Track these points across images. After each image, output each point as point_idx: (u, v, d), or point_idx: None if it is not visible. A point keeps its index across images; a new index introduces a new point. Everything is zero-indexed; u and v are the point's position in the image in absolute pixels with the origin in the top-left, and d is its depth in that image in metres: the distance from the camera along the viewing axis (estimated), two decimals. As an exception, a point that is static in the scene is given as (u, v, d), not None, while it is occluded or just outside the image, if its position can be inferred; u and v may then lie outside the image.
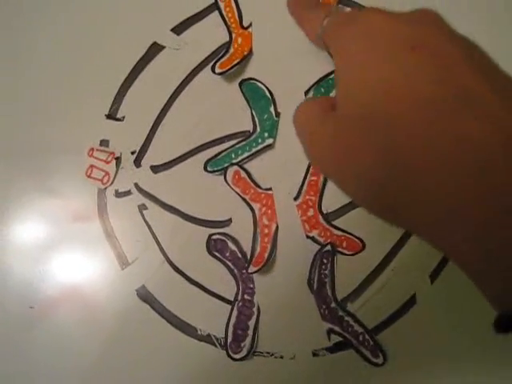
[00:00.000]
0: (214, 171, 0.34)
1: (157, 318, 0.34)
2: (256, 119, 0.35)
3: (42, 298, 0.35)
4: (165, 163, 0.35)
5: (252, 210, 0.34)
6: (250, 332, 0.33)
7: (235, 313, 0.34)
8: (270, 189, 0.34)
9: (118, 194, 0.35)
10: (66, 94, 0.36)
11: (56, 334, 0.35)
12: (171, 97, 0.36)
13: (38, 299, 0.36)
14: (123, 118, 0.36)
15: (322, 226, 0.34)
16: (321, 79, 0.35)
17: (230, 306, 0.34)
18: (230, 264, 0.34)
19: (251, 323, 0.34)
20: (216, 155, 0.35)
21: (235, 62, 0.35)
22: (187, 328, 0.34)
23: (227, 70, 0.35)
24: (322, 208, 0.34)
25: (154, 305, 0.35)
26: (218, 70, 0.35)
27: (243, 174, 0.34)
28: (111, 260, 0.35)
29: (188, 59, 0.36)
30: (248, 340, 0.33)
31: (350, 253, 0.33)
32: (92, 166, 0.35)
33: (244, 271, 0.34)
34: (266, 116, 0.35)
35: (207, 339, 0.34)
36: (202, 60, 0.36)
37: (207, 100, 0.35)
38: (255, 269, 0.33)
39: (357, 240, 0.33)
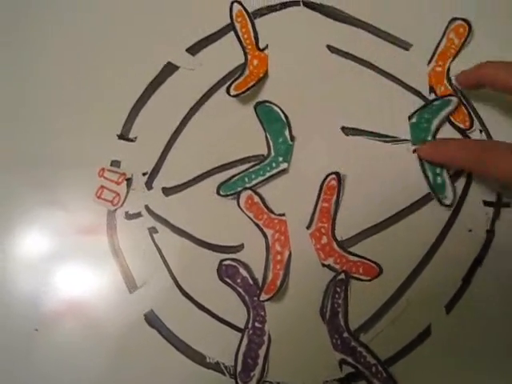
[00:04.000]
0: (227, 195, 0.34)
1: (165, 344, 0.34)
2: (270, 143, 0.34)
3: (47, 319, 0.35)
4: (177, 186, 0.34)
5: (265, 235, 0.33)
6: (260, 361, 0.33)
7: (245, 341, 0.33)
8: (284, 214, 0.34)
9: (128, 216, 0.34)
10: (79, 111, 0.36)
11: (60, 355, 0.34)
12: (185, 118, 0.35)
13: (43, 320, 0.35)
14: (135, 138, 0.35)
15: (337, 253, 0.33)
16: (425, 105, 0.35)
17: (240, 334, 0.33)
18: (241, 291, 0.33)
19: (261, 352, 0.33)
20: (229, 179, 0.34)
21: (250, 84, 0.34)
22: (195, 355, 0.33)
23: (242, 92, 0.34)
24: (336, 235, 0.33)
25: (162, 330, 0.34)
26: (233, 92, 0.34)
27: (256, 199, 0.34)
28: (120, 283, 0.34)
29: (202, 80, 0.35)
30: (258, 369, 0.33)
31: (367, 278, 0.33)
32: (102, 187, 0.34)
33: (255, 298, 0.33)
34: (280, 140, 0.34)
35: (216, 367, 0.33)
36: (216, 81, 0.35)
37: (221, 122, 0.35)
38: (267, 296, 0.32)
39: (374, 265, 0.33)
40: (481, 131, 0.35)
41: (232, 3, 0.36)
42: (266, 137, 0.34)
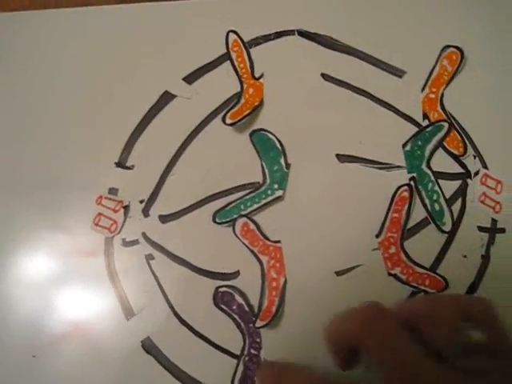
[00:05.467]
0: (223, 223, 0.34)
1: (162, 371, 0.34)
2: (266, 170, 0.35)
3: (44, 345, 0.35)
4: (173, 213, 0.35)
5: (260, 262, 0.34)
6: None
7: (241, 368, 0.33)
8: (279, 241, 0.34)
9: (126, 243, 0.35)
10: (76, 140, 0.36)
11: (58, 380, 0.34)
12: (181, 146, 0.35)
13: (40, 346, 0.35)
14: (133, 166, 0.36)
15: (404, 264, 0.33)
16: (418, 132, 0.35)
17: (236, 361, 0.33)
18: (236, 317, 0.34)
19: None
20: (225, 206, 0.34)
21: (246, 112, 0.35)
22: (192, 382, 0.33)
23: (238, 121, 0.35)
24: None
25: (159, 357, 0.34)
26: (228, 121, 0.35)
27: (252, 226, 0.34)
28: (117, 309, 0.34)
29: (199, 109, 0.36)
30: None
31: (433, 291, 0.33)
32: (100, 214, 0.35)
33: (251, 325, 0.33)
34: (276, 167, 0.35)
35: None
36: (212, 110, 0.36)
37: (217, 150, 0.35)
38: (262, 323, 0.33)
39: (440, 278, 0.33)
40: (474, 157, 0.36)
41: (228, 33, 0.37)
42: (262, 164, 0.35)
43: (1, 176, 0.37)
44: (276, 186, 0.34)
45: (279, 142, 0.35)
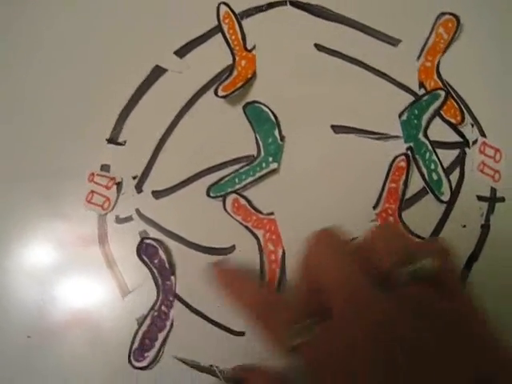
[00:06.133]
0: (217, 197, 0.33)
1: (158, 349, 0.33)
2: (260, 143, 0.34)
3: (40, 326, 0.34)
4: (167, 188, 0.34)
5: (256, 237, 0.33)
6: (158, 344, 0.32)
7: (148, 321, 0.33)
8: (273, 213, 0.33)
9: (119, 220, 0.34)
10: (67, 117, 0.35)
11: (55, 362, 0.34)
12: (173, 121, 0.35)
13: (36, 327, 0.34)
14: (125, 142, 0.35)
15: None
16: (415, 101, 0.35)
17: (237, 338, 0.33)
18: (155, 272, 0.33)
19: (161, 336, 0.33)
20: (219, 180, 0.34)
21: (238, 84, 0.34)
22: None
23: (230, 93, 0.34)
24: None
25: (155, 335, 0.33)
26: (221, 93, 0.34)
27: (243, 202, 0.33)
28: (112, 288, 0.34)
29: (191, 82, 0.35)
30: (153, 351, 0.32)
31: None
32: (92, 192, 0.34)
33: (168, 282, 0.33)
34: (270, 140, 0.34)
35: (209, 371, 0.33)
36: (205, 83, 0.35)
37: (210, 124, 0.35)
38: None
39: None
40: (472, 125, 0.35)
41: (219, 5, 0.36)
42: (256, 137, 0.34)
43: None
44: (271, 159, 0.34)
45: (273, 114, 0.34)
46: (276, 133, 0.34)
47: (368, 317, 0.20)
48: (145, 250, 0.33)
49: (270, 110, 0.34)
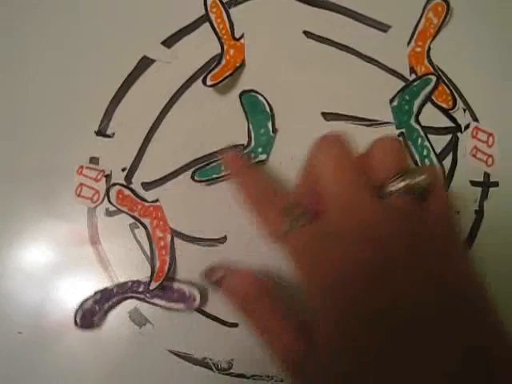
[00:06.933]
0: (202, 181, 0.33)
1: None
2: (252, 133, 0.34)
3: (32, 324, 0.34)
4: (156, 180, 0.34)
5: (144, 225, 0.33)
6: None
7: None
8: (158, 200, 0.33)
9: (109, 213, 0.34)
10: (54, 110, 0.35)
11: (47, 360, 0.34)
12: (162, 111, 0.34)
13: (27, 324, 0.34)
14: (113, 134, 0.34)
15: None
16: (405, 86, 0.34)
17: (231, 329, 0.32)
18: None
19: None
20: (206, 165, 0.33)
21: (227, 73, 0.34)
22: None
23: (219, 82, 0.34)
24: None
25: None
26: (209, 82, 0.34)
27: (127, 192, 0.33)
28: (102, 281, 0.34)
29: (179, 72, 0.35)
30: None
31: None
32: (81, 185, 0.34)
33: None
34: (262, 131, 0.34)
35: (203, 363, 0.32)
36: (193, 73, 0.35)
37: (199, 114, 0.34)
38: (156, 284, 0.32)
39: None
40: (464, 110, 0.35)
41: (206, -6, 0.36)
42: (248, 127, 0.34)
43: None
44: (260, 150, 0.33)
45: (269, 105, 0.34)
46: (269, 124, 0.34)
47: (358, 216, 0.22)
48: None
49: (266, 100, 0.34)
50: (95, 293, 0.33)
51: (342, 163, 0.24)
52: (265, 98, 0.34)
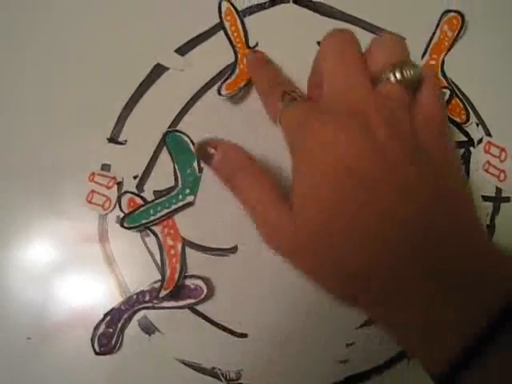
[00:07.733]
0: (131, 228, 0.33)
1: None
2: (178, 174, 0.33)
3: (40, 327, 0.34)
4: (168, 188, 0.34)
5: (155, 234, 0.33)
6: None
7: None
8: None
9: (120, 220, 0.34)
10: (67, 115, 0.35)
11: (55, 363, 0.34)
12: (175, 119, 0.34)
13: (36, 328, 0.34)
14: (125, 141, 0.34)
15: None
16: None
17: (240, 340, 0.32)
18: None
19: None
20: (134, 210, 0.33)
21: (242, 83, 0.34)
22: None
23: (235, 94, 0.34)
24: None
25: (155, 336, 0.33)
26: (224, 92, 0.34)
27: (138, 200, 0.33)
28: (112, 288, 0.34)
29: (192, 81, 0.35)
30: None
31: None
32: (93, 192, 0.34)
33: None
34: (188, 171, 0.33)
35: (212, 373, 0.32)
36: (207, 81, 0.35)
37: (212, 122, 0.34)
38: (165, 292, 0.32)
39: None
40: (477, 124, 0.35)
41: (220, 2, 0.36)
42: (174, 167, 0.33)
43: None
44: (188, 191, 0.33)
45: (193, 144, 0.33)
46: (195, 164, 0.33)
47: (349, 98, 0.24)
48: None
49: (190, 139, 0.34)
50: (104, 315, 0.32)
51: (345, 57, 0.26)
52: (189, 137, 0.34)
